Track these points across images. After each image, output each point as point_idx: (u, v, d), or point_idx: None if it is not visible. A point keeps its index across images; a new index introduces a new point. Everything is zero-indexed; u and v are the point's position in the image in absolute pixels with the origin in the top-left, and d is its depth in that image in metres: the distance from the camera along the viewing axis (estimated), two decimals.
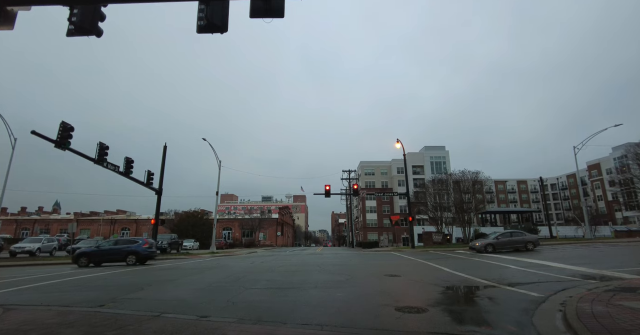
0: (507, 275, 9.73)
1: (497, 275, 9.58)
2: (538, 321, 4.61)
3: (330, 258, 18.88)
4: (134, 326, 4.39)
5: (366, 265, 14.04)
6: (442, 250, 24.34)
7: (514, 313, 5.16)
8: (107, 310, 5.46)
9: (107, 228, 73.63)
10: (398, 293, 7.15)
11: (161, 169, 25.04)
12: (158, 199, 24.48)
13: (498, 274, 9.87)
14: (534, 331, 4.20)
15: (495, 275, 9.59)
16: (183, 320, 4.76)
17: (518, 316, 4.96)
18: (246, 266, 14.12)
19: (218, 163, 29.43)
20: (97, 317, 4.88)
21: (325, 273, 10.87)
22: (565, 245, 24.33)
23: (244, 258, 20.67)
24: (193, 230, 46.29)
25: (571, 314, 4.64)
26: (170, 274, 11.86)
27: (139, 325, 4.41)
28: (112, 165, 18.36)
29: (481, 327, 4.36)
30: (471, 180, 30.21)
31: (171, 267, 14.48)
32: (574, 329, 4.11)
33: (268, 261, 16.59)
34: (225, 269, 12.86)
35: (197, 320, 4.77)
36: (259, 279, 9.70)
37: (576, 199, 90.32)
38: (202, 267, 14.42)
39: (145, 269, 13.91)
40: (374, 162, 76.76)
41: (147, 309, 5.51)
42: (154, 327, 4.32)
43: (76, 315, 5.03)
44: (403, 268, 12.42)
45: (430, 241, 29.58)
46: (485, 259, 15.12)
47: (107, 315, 5.02)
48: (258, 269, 12.81)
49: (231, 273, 11.36)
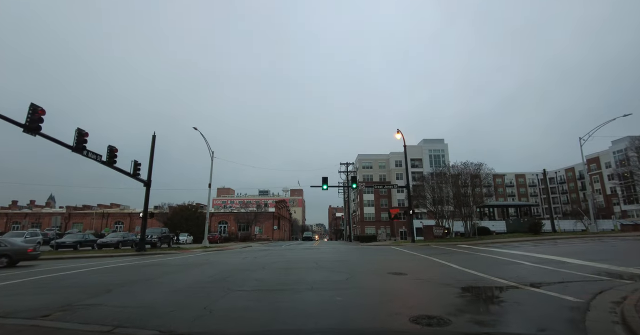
0: (524, 273, 8.72)
1: (514, 274, 8.57)
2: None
3: (328, 253, 17.88)
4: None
5: (367, 261, 13.03)
6: (444, 244, 23.43)
7: (559, 326, 4.12)
8: (48, 323, 4.35)
9: (101, 222, 72.39)
10: (408, 296, 6.10)
11: (150, 160, 23.79)
12: (147, 191, 23.28)
13: (514, 272, 8.86)
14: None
15: (512, 274, 8.57)
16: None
17: (568, 331, 3.92)
18: (236, 262, 13.06)
19: (210, 154, 28.20)
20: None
21: (322, 270, 9.82)
22: (572, 239, 23.48)
23: (237, 253, 19.62)
24: (187, 224, 45.16)
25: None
26: (151, 271, 10.77)
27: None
28: (93, 153, 17.05)
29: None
30: (472, 172, 29.25)
31: (155, 264, 13.39)
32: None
33: (261, 256, 15.54)
34: (213, 266, 11.79)
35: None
36: (247, 278, 8.62)
37: (574, 193, 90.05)
38: (188, 263, 13.34)
39: (125, 266, 12.82)
40: (371, 156, 75.72)
41: (100, 321, 4.40)
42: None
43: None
44: (407, 264, 11.42)
45: (431, 235, 28.69)
46: (492, 254, 14.16)
47: (41, 331, 3.91)
48: (249, 265, 11.74)
49: (218, 271, 10.29)
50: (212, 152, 28.21)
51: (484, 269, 9.39)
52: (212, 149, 28.25)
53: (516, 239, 24.31)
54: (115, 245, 24.85)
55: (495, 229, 35.86)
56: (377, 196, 74.48)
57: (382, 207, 74.02)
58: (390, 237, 65.54)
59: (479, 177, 30.09)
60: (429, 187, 32.25)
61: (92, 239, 25.67)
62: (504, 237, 27.40)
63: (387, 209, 73.92)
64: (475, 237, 27.75)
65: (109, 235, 26.84)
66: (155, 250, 23.82)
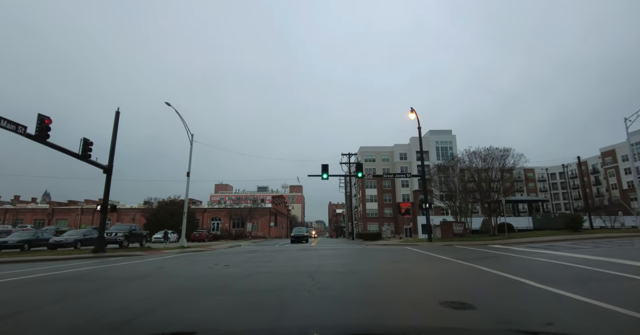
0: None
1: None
2: None
3: (330, 257, 13.60)
4: None
5: (389, 272, 8.74)
6: (470, 244, 19.21)
7: None
8: None
9: (87, 218, 68.12)
10: None
11: (112, 143, 19.46)
12: (107, 179, 18.98)
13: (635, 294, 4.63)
14: None
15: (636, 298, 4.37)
16: None
17: None
18: (193, 276, 8.75)
19: (189, 137, 23.82)
20: None
21: (322, 296, 5.50)
22: (626, 237, 19.23)
23: (213, 257, 15.33)
24: (172, 220, 40.81)
25: None
26: (43, 293, 6.48)
27: None
28: (12, 124, 12.63)
29: None
30: (501, 160, 24.93)
31: (78, 276, 9.06)
32: None
33: (237, 264, 11.23)
34: (151, 284, 7.49)
35: None
36: (180, 318, 4.30)
37: (587, 188, 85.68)
38: (125, 276, 9.03)
39: (23, 281, 8.53)
40: (374, 148, 71.31)
41: None
42: None
43: None
44: (456, 279, 7.14)
45: (450, 233, 24.43)
46: (553, 259, 9.86)
47: None
48: (206, 283, 7.43)
49: (145, 296, 5.99)
50: (191, 135, 23.82)
51: (581, 288, 5.07)
52: (191, 132, 23.89)
53: (556, 238, 20.08)
54: (73, 244, 20.56)
55: (519, 225, 31.64)
56: (380, 191, 70.23)
57: (385, 203, 69.81)
58: (395, 235, 61.31)
59: (507, 170, 25.82)
60: (447, 177, 27.88)
61: (47, 237, 21.35)
62: (537, 236, 23.12)
63: (391, 205, 69.68)
64: (503, 234, 23.51)
65: (65, 233, 22.46)
66: (120, 251, 19.56)
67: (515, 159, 24.83)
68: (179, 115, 22.14)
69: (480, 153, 25.90)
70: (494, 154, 25.21)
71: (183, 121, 22.70)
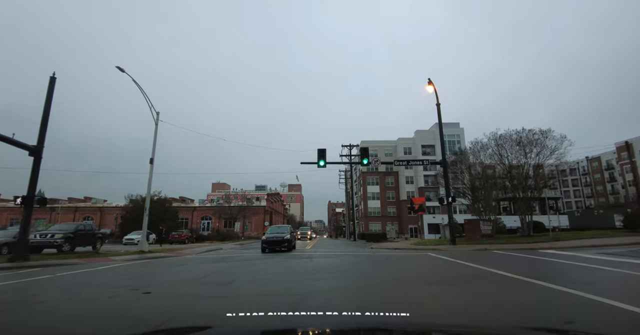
0: None
1: None
2: None
3: (328, 274, 8.96)
4: None
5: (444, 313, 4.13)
6: (509, 248, 14.65)
7: None
8: None
9: (68, 217, 63.41)
10: None
11: (43, 114, 14.84)
12: (34, 163, 14.36)
13: None
14: None
15: None
16: None
17: None
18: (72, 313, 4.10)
19: (154, 116, 19.15)
20: None
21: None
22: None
23: (162, 268, 10.69)
24: (153, 219, 36.08)
25: None
26: None
27: None
28: None
29: None
30: (539, 146, 20.41)
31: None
32: None
33: (164, 290, 6.60)
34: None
35: None
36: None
37: (600, 185, 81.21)
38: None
39: None
40: (377, 142, 66.63)
41: None
42: None
43: None
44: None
45: (477, 233, 19.84)
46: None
47: None
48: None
49: None
50: (156, 113, 19.17)
51: None
52: (156, 109, 19.25)
53: (623, 241, 15.57)
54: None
55: (551, 224, 27.10)
56: (382, 188, 65.68)
57: (388, 201, 65.26)
58: (399, 235, 56.73)
59: (548, 157, 21.32)
60: (471, 166, 23.29)
61: None
62: (587, 237, 18.57)
63: (394, 203, 65.09)
64: (541, 235, 18.98)
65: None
66: (55, 257, 14.93)
67: (556, 143, 20.21)
68: (138, 85, 17.47)
69: (511, 136, 21.30)
70: (530, 138, 20.62)
71: (144, 94, 18.02)
